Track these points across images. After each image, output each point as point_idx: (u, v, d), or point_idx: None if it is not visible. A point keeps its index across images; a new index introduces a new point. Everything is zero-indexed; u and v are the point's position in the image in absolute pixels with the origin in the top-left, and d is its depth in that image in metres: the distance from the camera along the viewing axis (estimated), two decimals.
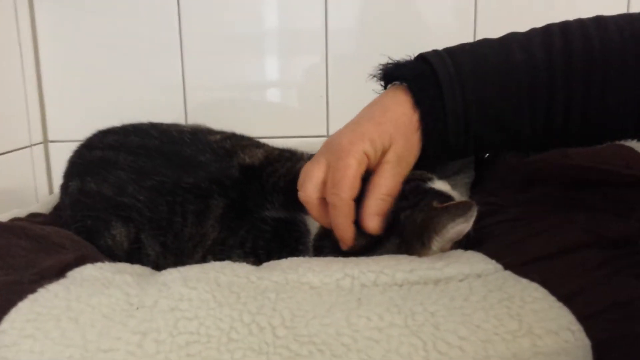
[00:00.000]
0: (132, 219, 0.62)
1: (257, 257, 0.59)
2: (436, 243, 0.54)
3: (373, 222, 0.53)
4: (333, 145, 0.54)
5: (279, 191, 0.63)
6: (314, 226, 0.60)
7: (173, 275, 0.48)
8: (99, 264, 0.52)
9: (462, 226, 0.52)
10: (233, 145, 0.68)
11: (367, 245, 0.55)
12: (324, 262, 0.51)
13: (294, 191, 0.64)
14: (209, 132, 0.72)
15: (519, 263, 0.48)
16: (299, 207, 0.62)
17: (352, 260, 0.51)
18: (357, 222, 0.54)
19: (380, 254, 0.54)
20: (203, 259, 0.61)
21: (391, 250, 0.54)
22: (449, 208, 0.52)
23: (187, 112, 1.12)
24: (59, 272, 0.51)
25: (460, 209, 0.51)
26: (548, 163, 0.54)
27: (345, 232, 0.53)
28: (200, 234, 0.61)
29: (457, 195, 0.63)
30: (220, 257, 0.60)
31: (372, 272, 0.48)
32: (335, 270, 0.49)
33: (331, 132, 1.10)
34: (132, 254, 0.62)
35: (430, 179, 0.63)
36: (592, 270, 0.46)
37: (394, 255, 0.53)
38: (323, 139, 1.12)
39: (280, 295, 0.46)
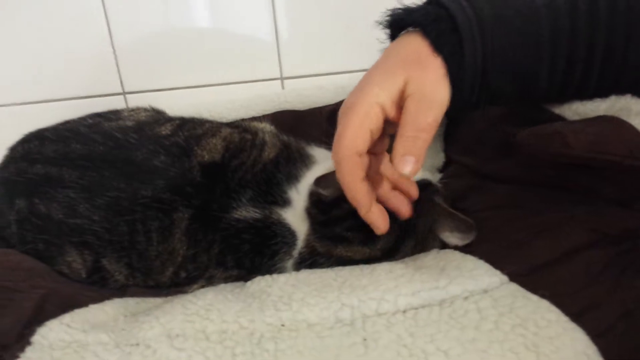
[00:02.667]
0: (88, 244, 0.55)
1: (242, 267, 0.55)
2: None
3: (405, 164, 0.44)
4: (341, 110, 0.48)
5: (247, 186, 0.57)
6: (299, 227, 0.56)
7: (155, 330, 0.43)
8: (65, 320, 0.46)
9: (455, 240, 0.54)
10: (187, 139, 0.60)
11: (383, 254, 0.53)
12: (316, 287, 0.47)
13: (265, 184, 0.58)
14: (155, 122, 0.64)
15: (524, 272, 0.46)
16: (273, 201, 0.57)
17: (347, 283, 0.47)
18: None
19: (399, 257, 0.54)
20: (175, 275, 0.56)
21: (407, 254, 0.54)
22: (454, 217, 0.53)
23: (118, 62, 0.98)
24: (19, 336, 0.45)
25: (462, 226, 0.52)
26: (544, 151, 0.50)
27: (356, 194, 0.47)
28: (168, 251, 0.55)
29: (429, 174, 0.62)
30: (194, 274, 0.56)
31: (373, 299, 0.45)
32: (332, 301, 0.45)
33: (285, 72, 1.00)
34: (95, 282, 0.56)
35: None
36: (598, 276, 0.44)
37: (390, 266, 0.50)
38: (277, 82, 1.06)
39: (278, 345, 0.42)
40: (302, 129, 0.79)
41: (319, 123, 0.81)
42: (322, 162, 0.62)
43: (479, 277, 0.46)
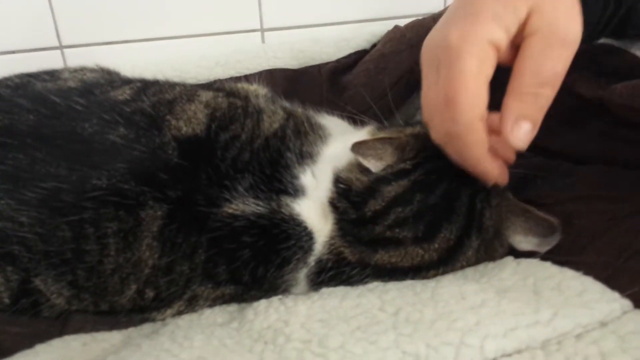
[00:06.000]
0: (13, 257, 0.39)
1: (238, 282, 0.41)
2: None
3: (519, 130, 0.35)
4: (438, 47, 0.37)
5: (245, 169, 0.42)
6: (319, 225, 0.41)
7: None
8: None
9: (530, 246, 0.40)
10: (155, 105, 0.44)
11: (440, 257, 0.39)
12: (358, 324, 0.33)
13: (270, 167, 0.43)
14: (108, 83, 0.47)
15: None
16: (282, 190, 0.42)
17: (402, 316, 0.33)
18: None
19: (459, 264, 0.40)
20: (140, 295, 0.41)
21: (471, 258, 0.40)
22: (530, 215, 0.40)
23: (52, 6, 0.78)
24: None
25: (541, 227, 0.39)
26: None
27: (485, 169, 0.38)
28: (132, 262, 0.40)
29: None
30: (169, 292, 0.41)
31: (448, 344, 0.30)
32: (387, 348, 0.31)
33: (266, 23, 0.83)
34: (24, 310, 0.40)
35: None
36: None
37: (459, 288, 0.35)
38: (256, 34, 0.88)
39: None
40: (296, 93, 0.63)
41: (318, 85, 0.66)
42: (338, 134, 0.47)
43: (593, 303, 0.32)
